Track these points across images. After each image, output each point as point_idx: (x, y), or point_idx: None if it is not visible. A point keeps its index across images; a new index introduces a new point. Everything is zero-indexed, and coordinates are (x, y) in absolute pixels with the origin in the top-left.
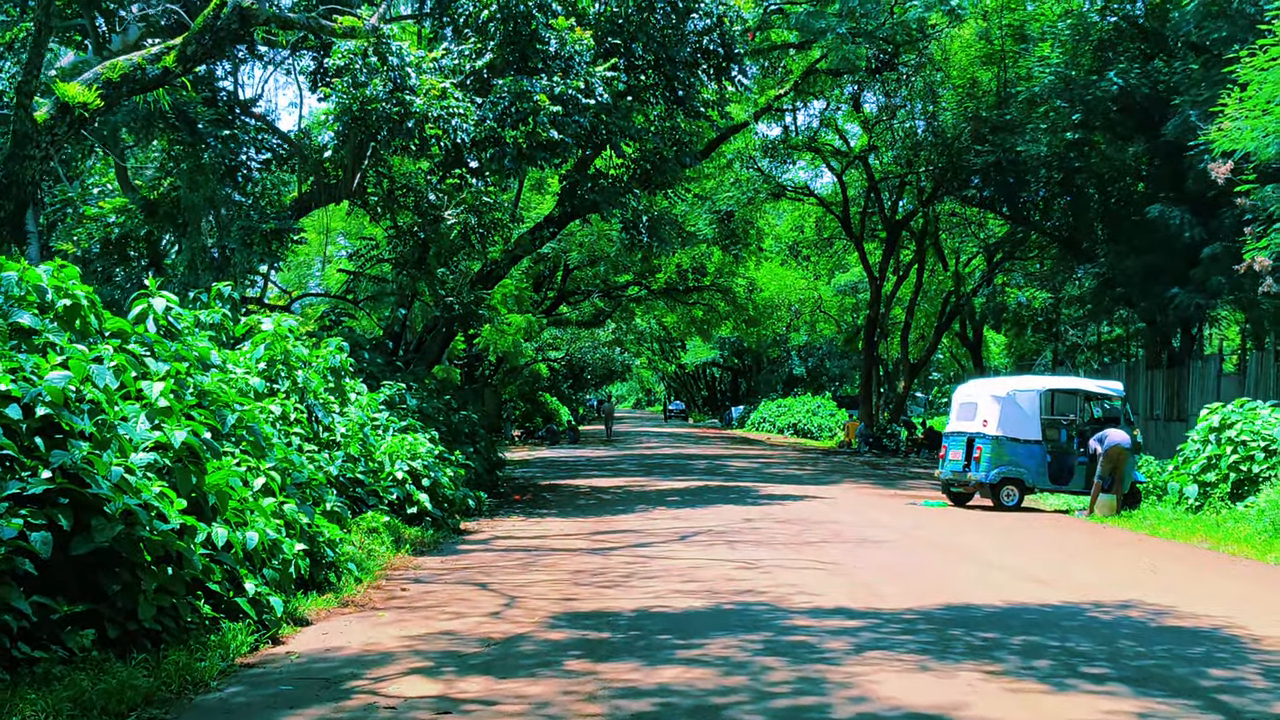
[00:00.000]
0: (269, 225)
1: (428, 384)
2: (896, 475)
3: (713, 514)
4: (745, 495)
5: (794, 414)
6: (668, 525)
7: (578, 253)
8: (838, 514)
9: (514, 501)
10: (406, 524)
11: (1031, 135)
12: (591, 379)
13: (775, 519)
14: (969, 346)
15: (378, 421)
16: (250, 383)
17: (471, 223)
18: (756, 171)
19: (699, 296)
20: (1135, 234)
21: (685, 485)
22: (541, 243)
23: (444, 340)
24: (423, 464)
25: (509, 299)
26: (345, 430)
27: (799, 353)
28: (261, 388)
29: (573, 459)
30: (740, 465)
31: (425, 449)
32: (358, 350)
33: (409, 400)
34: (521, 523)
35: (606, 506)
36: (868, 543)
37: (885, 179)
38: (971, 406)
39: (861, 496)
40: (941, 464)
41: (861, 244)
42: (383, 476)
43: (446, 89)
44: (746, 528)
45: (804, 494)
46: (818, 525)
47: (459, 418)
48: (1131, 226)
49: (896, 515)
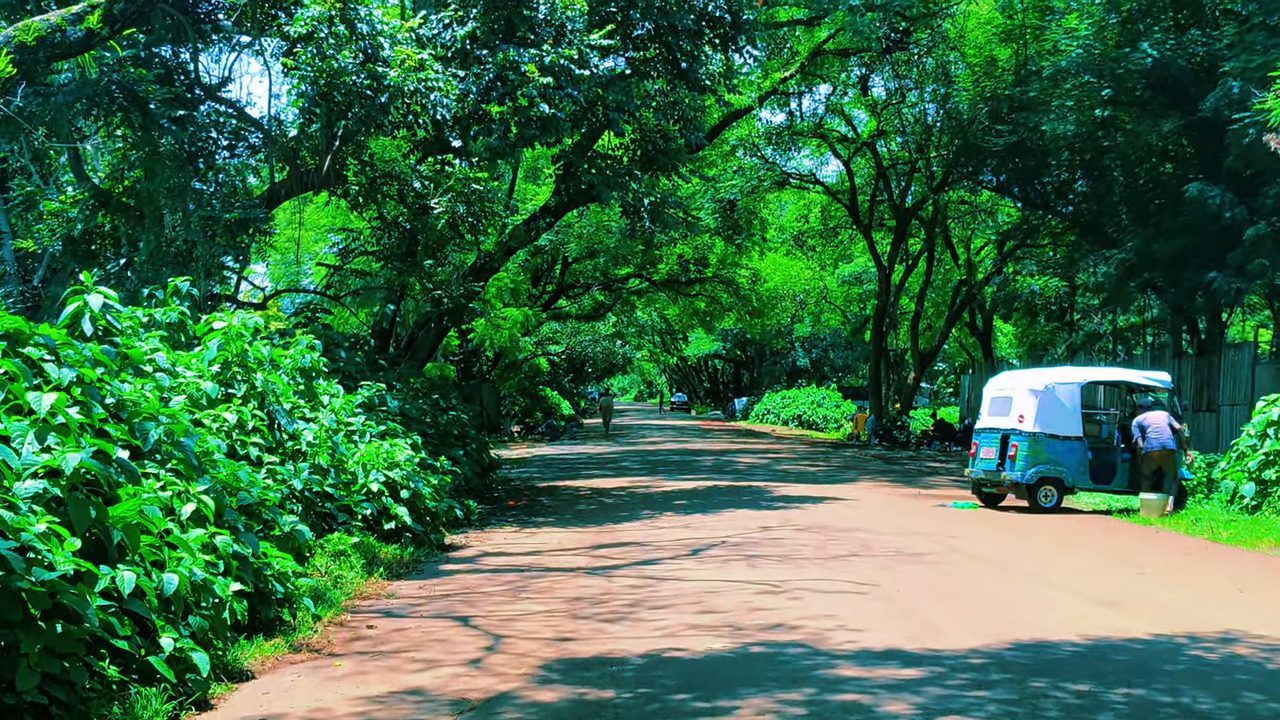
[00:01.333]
0: (233, 215)
1: (414, 383)
2: (913, 471)
3: (725, 520)
4: (759, 497)
5: (798, 405)
6: (676, 536)
7: (576, 244)
8: (862, 519)
9: (508, 508)
10: (383, 541)
11: (1057, 113)
12: (593, 372)
13: (795, 526)
14: (978, 336)
15: (352, 427)
16: (202, 387)
17: (460, 211)
18: (760, 159)
19: (701, 288)
20: (1165, 216)
21: (693, 485)
22: (537, 234)
23: (436, 336)
24: (402, 473)
25: (504, 292)
26: (313, 438)
27: (803, 344)
28: (215, 393)
29: (573, 456)
30: (749, 461)
31: (405, 456)
32: (334, 349)
33: (390, 402)
34: (515, 534)
35: (608, 512)
36: (904, 556)
37: (894, 165)
38: (1005, 400)
39: (883, 497)
40: (972, 462)
41: (870, 233)
42: (356, 489)
43: (424, 60)
44: (765, 538)
45: (821, 495)
46: (843, 534)
47: (447, 418)
48: (1160, 209)
49: (927, 520)
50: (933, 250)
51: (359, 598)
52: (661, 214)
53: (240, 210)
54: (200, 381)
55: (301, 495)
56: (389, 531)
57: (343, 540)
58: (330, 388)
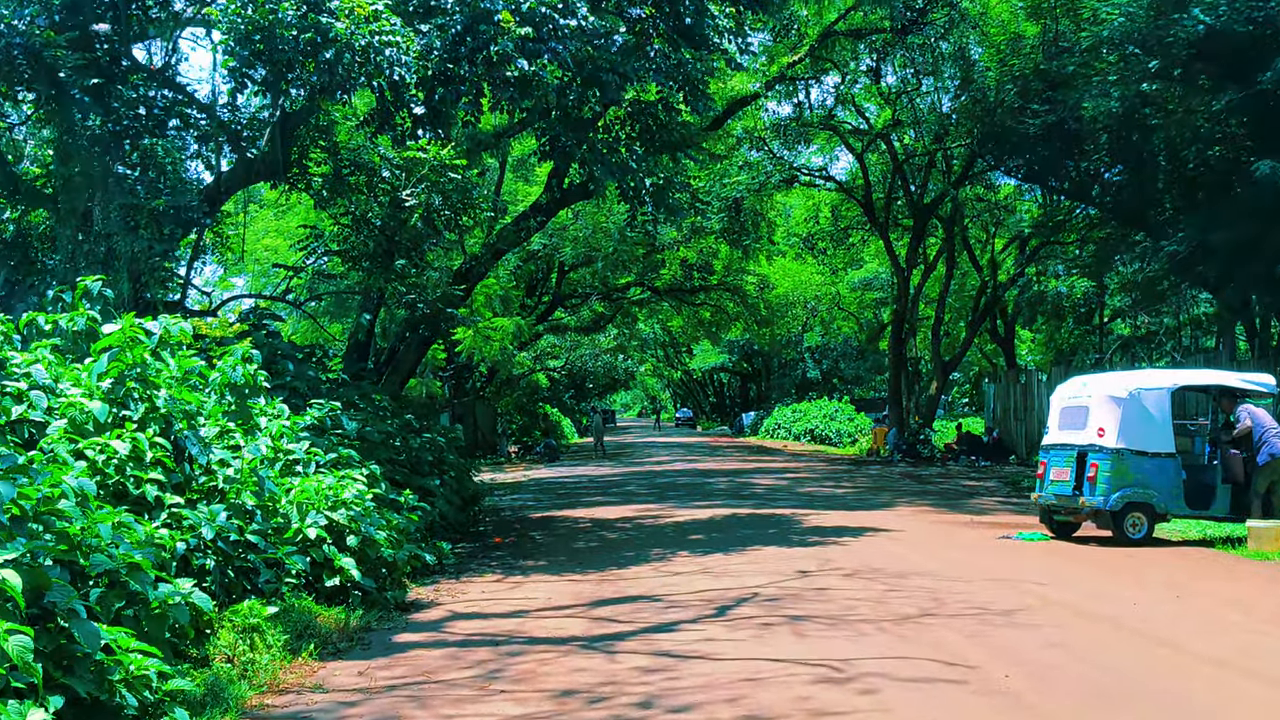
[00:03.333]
0: (158, 202)
1: (380, 401)
2: (950, 492)
3: (753, 562)
4: (787, 529)
5: (810, 419)
6: (696, 586)
7: (572, 249)
8: (917, 557)
9: (493, 546)
10: (325, 602)
11: (1099, 88)
12: (594, 388)
13: (839, 570)
14: (999, 343)
15: (293, 455)
16: (88, 408)
17: (435, 204)
18: (767, 153)
19: (706, 296)
20: (1222, 202)
21: (708, 514)
22: (528, 234)
23: (419, 349)
24: (350, 514)
25: (494, 300)
26: (235, 471)
27: (813, 354)
28: (104, 415)
29: (572, 480)
30: (767, 483)
31: (356, 492)
32: (280, 360)
33: (345, 423)
34: (496, 585)
35: (611, 552)
36: (992, 615)
37: (911, 158)
38: (1080, 411)
39: (930, 526)
40: (1040, 485)
41: (886, 232)
42: (288, 535)
43: (379, 10)
44: (806, 589)
45: (859, 524)
46: (901, 581)
47: (421, 442)
48: (1215, 194)
49: (994, 558)
50: (953, 250)
51: (273, 692)
52: (666, 198)
53: (168, 197)
54: (88, 402)
55: (214, 547)
56: (332, 590)
57: (255, 611)
58: (272, 407)
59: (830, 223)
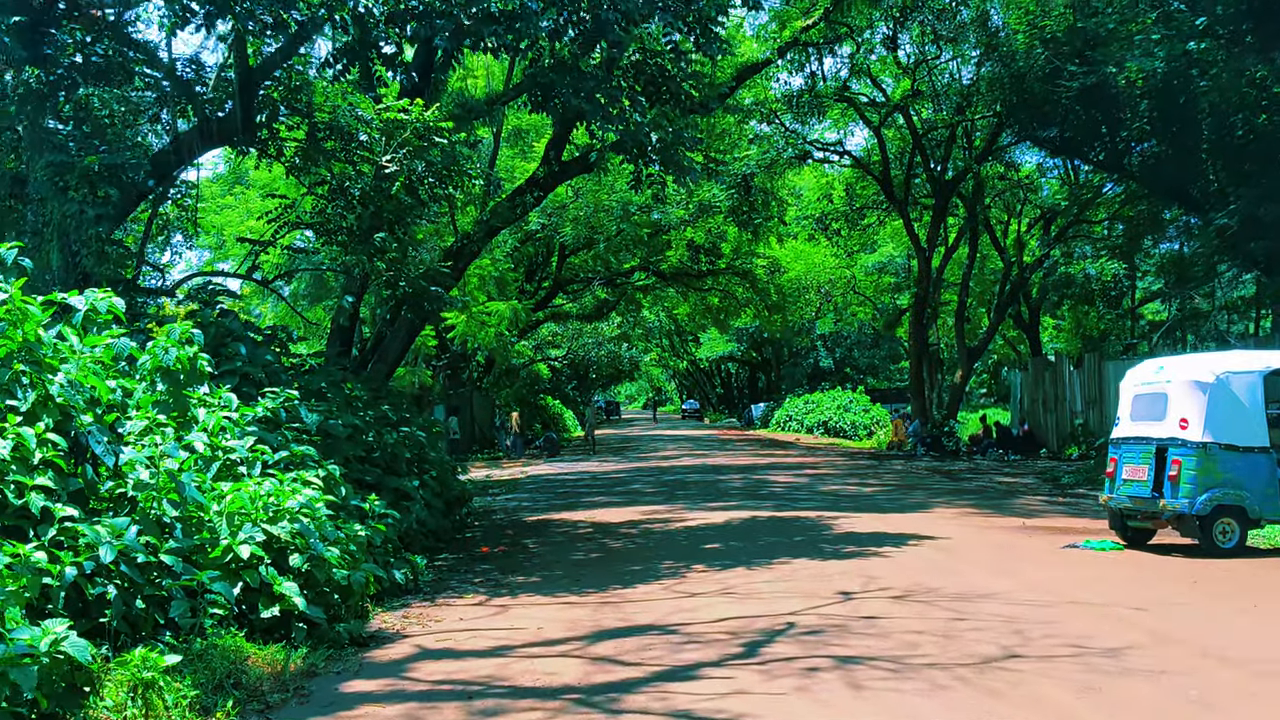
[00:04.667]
0: (91, 160)
1: (350, 390)
2: (988, 490)
3: (783, 579)
4: (816, 536)
5: (823, 411)
6: (717, 612)
7: (572, 229)
8: (977, 573)
9: (480, 557)
10: (261, 637)
11: (1142, 47)
12: (598, 379)
13: (887, 590)
14: (1024, 329)
15: (233, 454)
16: None
17: (418, 171)
18: (778, 127)
19: (714, 281)
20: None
21: (725, 518)
22: (524, 211)
23: (407, 335)
24: (294, 527)
25: (488, 282)
26: (152, 475)
27: (825, 343)
28: None
29: (573, 477)
30: (785, 480)
31: (304, 499)
32: (230, 342)
33: (304, 415)
34: (478, 610)
35: (615, 565)
36: (1099, 658)
37: (933, 130)
38: (1157, 399)
39: (978, 532)
40: (1110, 485)
41: (906, 210)
42: (215, 555)
43: None
44: (853, 617)
45: (897, 530)
46: (968, 605)
47: (397, 437)
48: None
49: (1067, 574)
50: (975, 230)
51: None
52: (675, 156)
53: (105, 155)
54: None
55: (117, 571)
56: (269, 622)
57: (150, 662)
58: (217, 397)
59: (845, 202)
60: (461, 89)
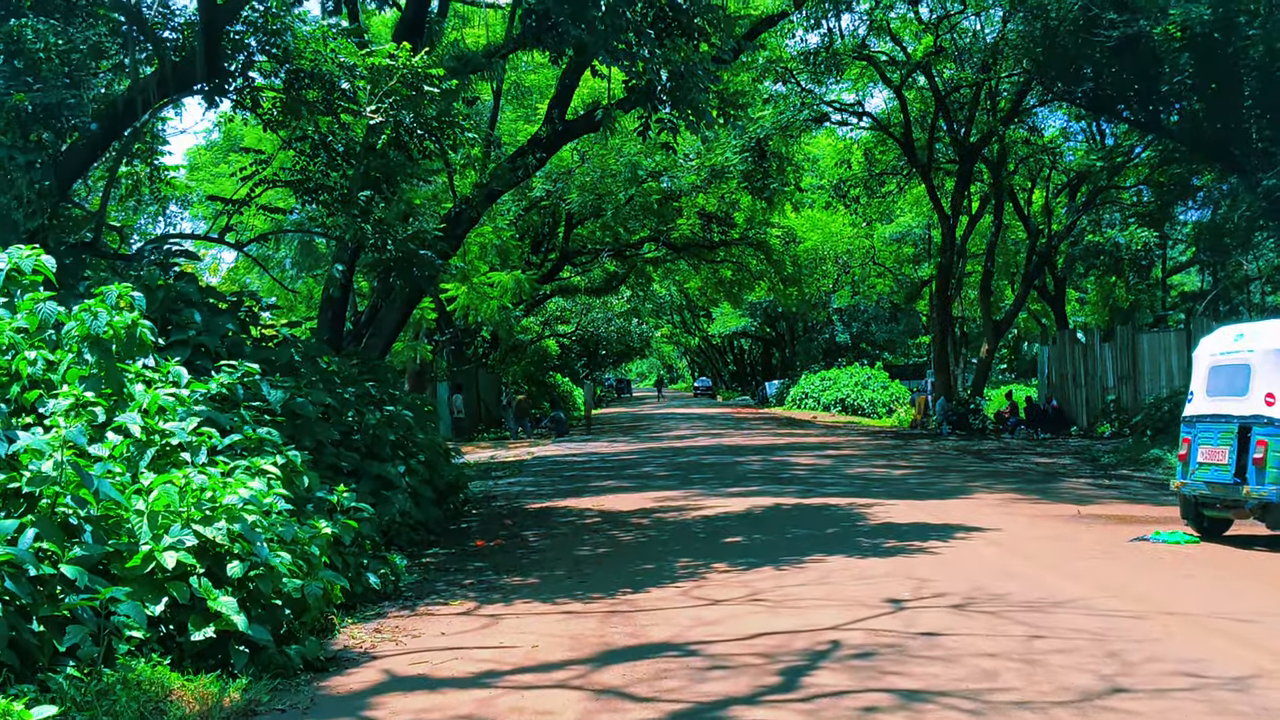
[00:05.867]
0: (19, 98)
1: (327, 364)
2: (1026, 471)
3: (818, 582)
4: (850, 528)
5: (841, 388)
6: (747, 627)
7: (578, 196)
8: (1043, 574)
9: (473, 553)
10: (191, 664)
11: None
12: (608, 356)
13: (945, 596)
14: (1049, 301)
15: (173, 439)
16: None
17: (406, 122)
18: (794, 87)
19: (727, 252)
20: None
21: (745, 505)
22: (526, 173)
23: (404, 307)
24: (233, 530)
25: (489, 251)
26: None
27: (841, 317)
28: None
29: (581, 459)
30: (807, 462)
31: (250, 492)
32: (183, 308)
33: (267, 392)
34: (464, 622)
35: (624, 562)
36: (1223, 691)
37: (956, 89)
38: (1238, 371)
39: (1029, 522)
40: (1182, 469)
41: (929, 174)
42: (133, 565)
43: None
44: (910, 634)
45: (940, 520)
46: (1043, 617)
47: (380, 417)
48: None
49: (1148, 574)
50: (1000, 196)
51: None
52: (688, 95)
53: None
54: None
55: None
56: (202, 646)
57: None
58: (165, 371)
59: (863, 168)
60: (458, 40)
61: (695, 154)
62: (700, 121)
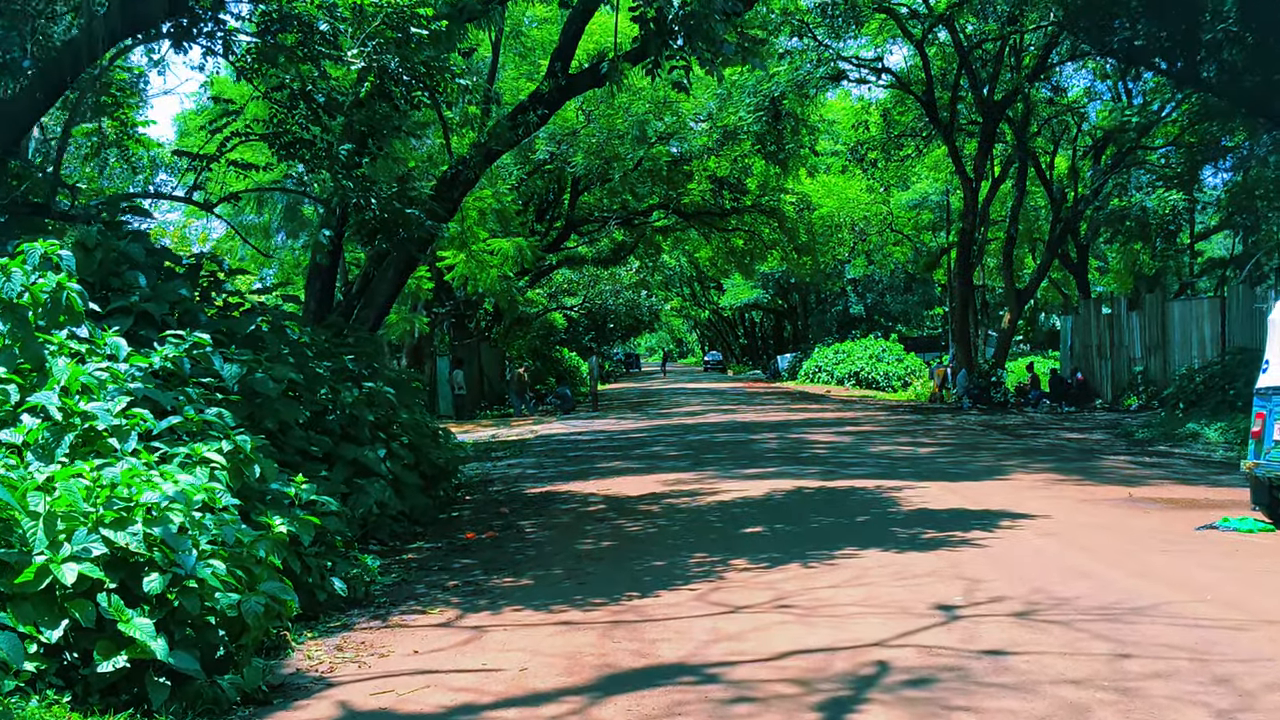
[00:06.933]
0: None
1: (295, 334)
2: (1059, 448)
3: (854, 583)
4: (883, 516)
5: (855, 361)
6: (774, 643)
7: (583, 159)
8: (1112, 574)
9: (462, 546)
10: (99, 701)
11: None
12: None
13: (1002, 602)
14: (1072, 269)
15: (96, 424)
16: None
17: (391, 69)
18: (810, 40)
19: (739, 220)
20: None
21: (764, 489)
22: (527, 131)
23: (398, 275)
24: (150, 537)
25: (488, 216)
26: None
27: (856, 288)
28: None
29: (587, 437)
30: (826, 439)
31: (177, 489)
32: (126, 270)
33: (220, 367)
34: (442, 635)
35: (631, 558)
36: None
37: (981, 44)
38: None
39: (1079, 506)
40: (1256, 449)
41: (951, 135)
42: (22, 580)
43: None
44: (970, 651)
45: (979, 504)
46: (1125, 628)
47: (357, 395)
48: None
49: (1228, 569)
50: (1025, 158)
51: None
52: (703, 27)
53: None
54: None
55: None
56: (114, 678)
57: None
58: (101, 343)
59: (881, 130)
60: None
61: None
62: (716, 59)
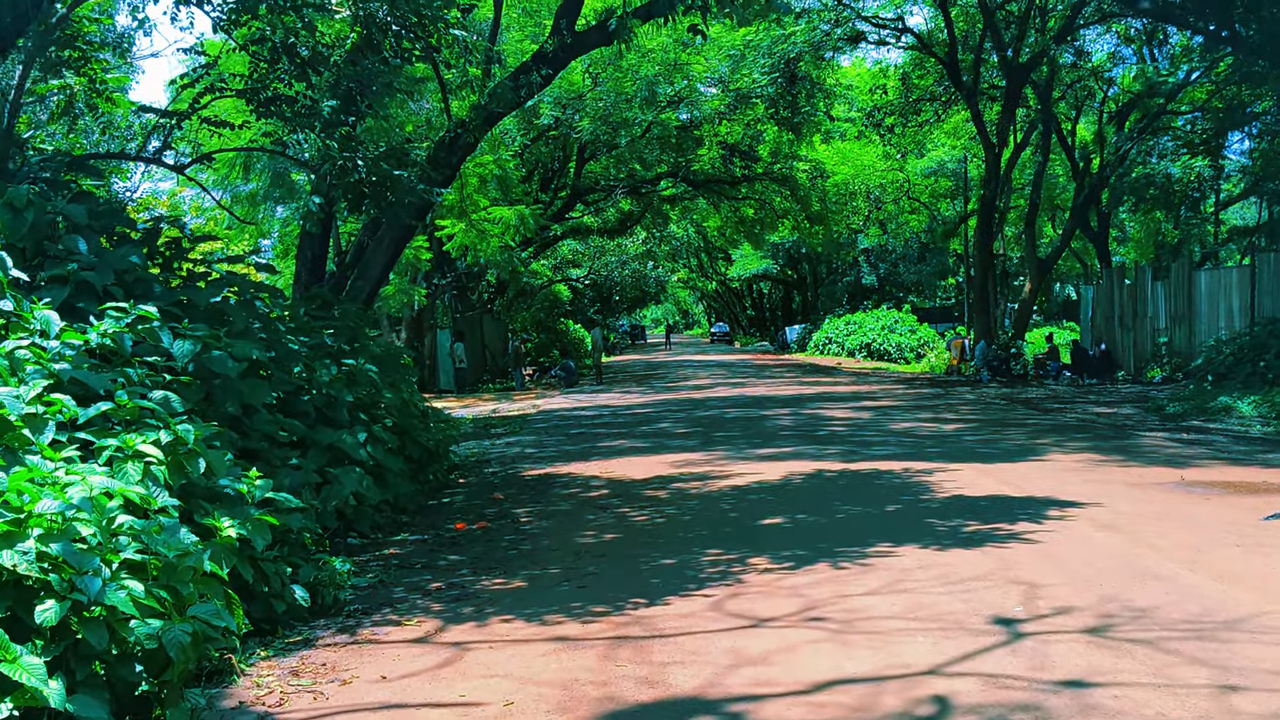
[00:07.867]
0: None
1: (266, 307)
2: (1091, 424)
3: (893, 589)
4: (915, 504)
5: (866, 332)
6: (806, 669)
7: (590, 125)
8: (1190, 576)
9: (450, 539)
10: None
11: None
12: (621, 301)
13: (1070, 613)
14: (1093, 238)
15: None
16: None
17: (379, 17)
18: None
19: (749, 189)
20: None
21: (781, 472)
22: (530, 93)
23: (393, 245)
24: (45, 555)
25: (489, 183)
26: None
27: (869, 257)
28: None
29: (590, 413)
30: (842, 415)
31: (87, 492)
32: (62, 235)
33: (173, 345)
34: (416, 654)
35: (636, 555)
36: None
37: (1005, 4)
38: None
39: (1132, 493)
40: None
41: (974, 98)
42: None
43: None
44: (1042, 683)
45: (1023, 492)
46: (1223, 650)
47: (334, 374)
48: None
49: None
50: (1049, 124)
51: None
52: None
53: None
54: None
55: None
56: None
57: None
58: (29, 316)
59: (899, 94)
60: None
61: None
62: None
